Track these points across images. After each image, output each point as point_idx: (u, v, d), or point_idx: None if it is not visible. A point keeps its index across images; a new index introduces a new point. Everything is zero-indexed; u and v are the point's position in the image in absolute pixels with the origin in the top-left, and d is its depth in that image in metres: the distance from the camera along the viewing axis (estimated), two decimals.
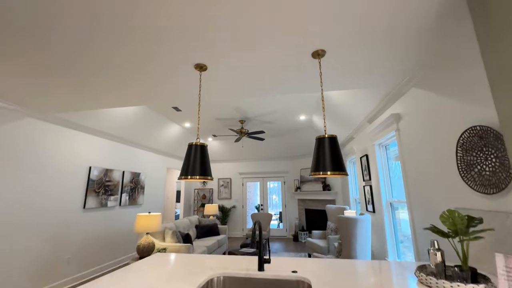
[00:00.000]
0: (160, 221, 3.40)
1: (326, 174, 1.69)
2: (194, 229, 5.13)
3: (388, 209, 3.42)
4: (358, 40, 1.82)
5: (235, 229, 7.89)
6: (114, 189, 4.70)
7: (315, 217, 6.93)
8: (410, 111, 2.55)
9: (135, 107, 4.43)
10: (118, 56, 2.00)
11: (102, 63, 2.09)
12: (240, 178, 8.21)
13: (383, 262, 1.75)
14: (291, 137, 7.03)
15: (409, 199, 2.65)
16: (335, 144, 1.76)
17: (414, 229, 2.57)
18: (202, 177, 1.87)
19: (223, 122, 5.76)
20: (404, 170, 2.73)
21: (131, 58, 2.03)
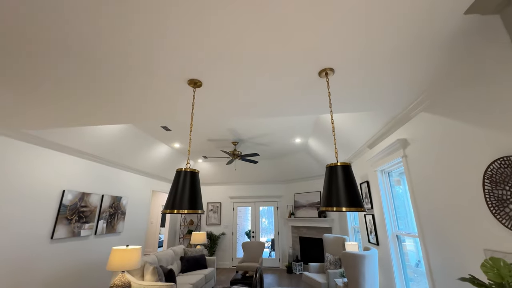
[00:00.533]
0: (139, 256, 2.96)
1: (340, 209, 1.42)
2: (178, 261, 4.60)
3: (394, 242, 3.13)
4: (369, 59, 1.66)
5: (224, 259, 7.28)
6: (90, 215, 4.19)
7: (310, 246, 6.50)
8: (419, 136, 2.37)
9: (119, 126, 4.11)
10: (102, 71, 1.74)
11: (82, 77, 1.83)
12: (230, 203, 7.76)
13: None
14: (286, 161, 6.79)
15: (421, 234, 2.39)
16: (349, 173, 1.51)
17: (430, 268, 2.27)
18: (192, 211, 1.55)
19: (215, 143, 5.49)
20: (414, 200, 2.50)
21: (116, 72, 1.78)
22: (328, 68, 1.76)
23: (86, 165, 4.20)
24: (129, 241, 5.23)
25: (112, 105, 2.34)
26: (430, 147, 2.21)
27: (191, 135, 4.89)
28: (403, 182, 3.20)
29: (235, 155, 5.25)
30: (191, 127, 1.75)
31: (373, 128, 3.22)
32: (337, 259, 4.37)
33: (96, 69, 1.77)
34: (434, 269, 2.22)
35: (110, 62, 1.69)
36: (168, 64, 1.71)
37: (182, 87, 2.00)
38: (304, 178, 6.98)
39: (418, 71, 1.80)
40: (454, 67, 1.73)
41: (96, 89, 2.04)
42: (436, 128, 2.12)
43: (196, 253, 4.89)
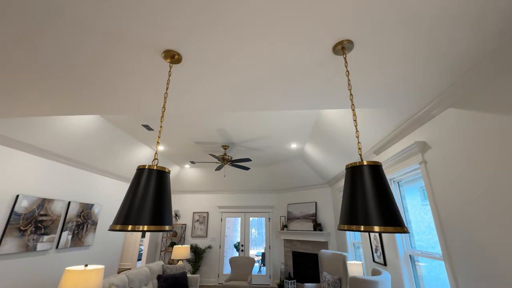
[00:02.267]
0: (100, 279, 2.38)
1: (370, 229, 0.97)
2: (155, 281, 3.99)
3: (407, 263, 2.68)
4: (401, 28, 1.26)
5: (208, 275, 6.63)
6: (51, 226, 3.57)
7: (304, 262, 5.97)
8: (444, 138, 1.98)
9: (90, 120, 3.57)
10: (52, 41, 1.27)
11: (31, 53, 1.35)
12: (218, 213, 7.18)
13: None
14: (279, 168, 6.34)
15: (447, 255, 1.96)
16: (381, 177, 1.07)
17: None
18: (154, 227, 1.06)
19: (204, 146, 4.99)
20: (437, 215, 2.08)
21: (65, 31, 1.31)
22: (346, 41, 1.35)
23: (48, 166, 3.61)
24: (100, 255, 4.57)
25: (58, 83, 1.85)
26: (461, 150, 1.82)
27: (176, 135, 4.39)
28: (413, 191, 2.80)
29: (225, 160, 4.76)
30: (163, 111, 1.29)
31: (382, 131, 2.84)
32: (336, 280, 3.87)
33: (32, 27, 1.29)
34: None
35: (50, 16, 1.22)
36: (136, 25, 1.26)
37: (155, 61, 1.54)
38: (299, 187, 6.52)
39: (459, 49, 1.42)
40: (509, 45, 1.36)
41: (39, 60, 1.55)
42: (469, 126, 1.73)
43: (176, 270, 4.29)
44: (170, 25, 1.26)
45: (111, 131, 3.98)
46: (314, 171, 5.78)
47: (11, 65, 1.59)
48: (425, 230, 2.63)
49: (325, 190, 5.95)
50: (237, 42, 1.37)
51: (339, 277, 3.92)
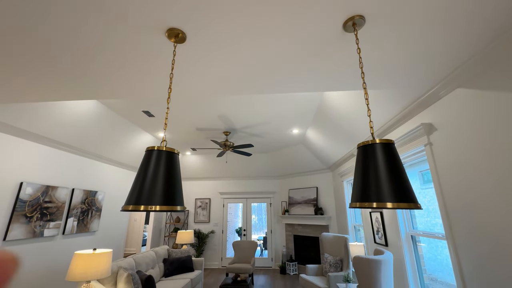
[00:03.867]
0: (109, 262, 2.43)
1: (383, 206, 0.97)
2: (161, 264, 4.09)
3: (408, 244, 2.75)
4: (412, 6, 1.21)
5: (212, 259, 6.80)
6: (57, 212, 3.60)
7: (305, 245, 6.12)
8: (451, 119, 1.97)
9: (90, 107, 3.52)
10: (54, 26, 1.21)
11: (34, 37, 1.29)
12: (220, 199, 7.27)
13: None
14: (281, 154, 6.35)
15: (451, 235, 1.99)
16: (394, 155, 1.07)
17: (463, 278, 1.88)
18: (167, 207, 1.06)
19: (205, 133, 4.97)
20: (441, 195, 2.10)
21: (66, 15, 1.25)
22: (357, 16, 1.30)
23: (51, 153, 3.59)
24: (106, 241, 4.66)
25: (58, 66, 1.79)
26: (467, 131, 1.80)
27: (176, 122, 4.35)
28: (413, 175, 2.82)
29: (227, 146, 4.75)
30: (169, 92, 1.26)
31: (386, 114, 2.81)
32: (337, 260, 3.99)
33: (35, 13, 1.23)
34: (467, 275, 1.83)
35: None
36: (137, 1, 1.20)
37: (158, 41, 1.49)
38: (300, 173, 6.57)
39: (479, 22, 1.37)
40: None
41: (39, 43, 1.49)
42: (477, 106, 1.71)
43: (181, 254, 4.39)
44: (174, 0, 1.20)
45: (111, 118, 3.94)
46: (315, 157, 5.80)
47: (6, 48, 1.54)
48: (424, 213, 2.68)
49: (326, 175, 6.00)
50: (244, 19, 1.32)
51: (340, 258, 4.03)
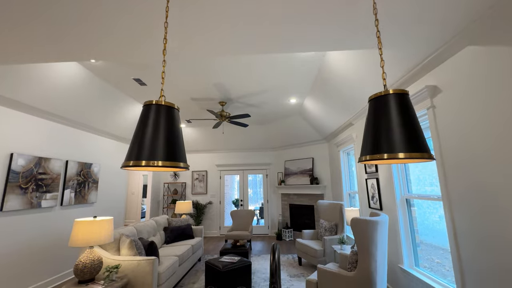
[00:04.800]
0: (111, 229, 2.45)
1: (394, 156, 0.94)
2: (162, 232, 4.19)
3: (403, 207, 2.84)
4: None
5: (211, 228, 7.04)
6: (52, 184, 3.56)
7: (300, 214, 6.35)
8: (458, 80, 1.91)
9: (81, 77, 3.30)
10: None
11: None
12: (217, 171, 7.33)
13: None
14: (277, 126, 6.30)
15: (447, 196, 2.05)
16: (408, 105, 1.01)
17: (456, 241, 1.97)
18: (170, 163, 1.01)
19: (200, 103, 4.82)
20: (440, 159, 2.12)
21: None
22: None
23: (42, 125, 3.45)
24: (105, 212, 4.71)
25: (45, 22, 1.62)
26: (474, 91, 1.76)
27: (171, 90, 4.17)
28: None
29: (223, 117, 4.65)
30: (164, 43, 1.14)
31: (390, 78, 2.73)
32: (332, 225, 4.16)
33: None
34: (460, 234, 1.92)
35: None
36: None
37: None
38: (296, 144, 6.59)
39: None
40: None
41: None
42: (486, 64, 1.65)
43: (181, 223, 4.49)
44: None
45: (101, 88, 3.74)
46: (312, 128, 5.77)
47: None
48: (416, 181, 2.74)
49: (322, 146, 6.03)
50: None
51: (335, 223, 4.19)
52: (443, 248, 4.51)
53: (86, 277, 2.26)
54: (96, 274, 2.33)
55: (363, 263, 2.22)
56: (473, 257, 1.80)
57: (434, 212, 4.50)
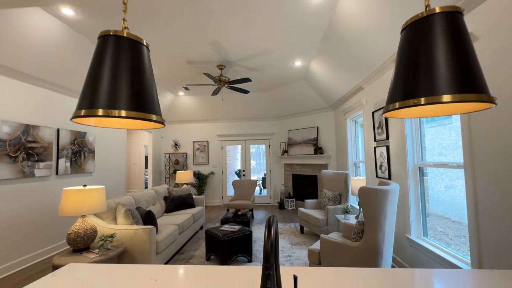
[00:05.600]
0: (102, 198, 2.32)
1: (436, 99, 0.68)
2: (162, 202, 4.13)
3: (415, 176, 2.64)
4: None
5: (213, 197, 7.07)
6: (45, 153, 3.40)
7: (303, 184, 6.27)
8: (500, 25, 1.55)
9: (69, 39, 2.94)
10: None
11: None
12: (218, 141, 7.15)
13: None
14: (280, 93, 5.93)
15: (470, 163, 1.81)
16: (461, 30, 0.72)
17: (477, 210, 1.78)
18: (138, 114, 0.77)
19: (197, 67, 4.45)
20: (468, 120, 1.85)
21: None
22: None
23: (29, 91, 3.22)
24: (105, 182, 4.64)
25: None
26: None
27: (166, 55, 3.79)
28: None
29: (222, 82, 4.31)
30: None
31: None
32: (336, 195, 4.04)
33: None
34: (482, 203, 1.72)
35: None
36: None
37: None
38: (301, 113, 6.28)
39: None
40: None
41: None
42: None
43: (181, 192, 4.42)
44: None
45: (90, 50, 3.39)
46: (317, 95, 5.41)
47: None
48: (432, 146, 2.49)
49: (328, 114, 5.72)
50: None
51: (339, 193, 4.07)
52: (446, 218, 4.42)
53: (79, 246, 2.18)
54: (90, 243, 2.25)
55: (370, 233, 2.08)
56: (494, 228, 1.62)
57: (441, 182, 4.32)
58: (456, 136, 4.07)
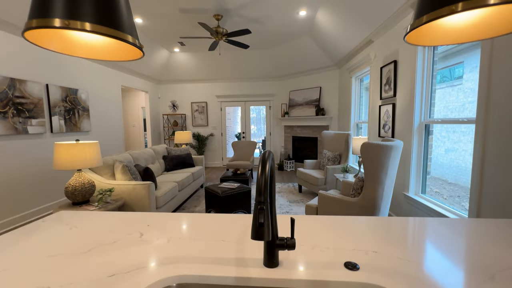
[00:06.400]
0: (97, 152, 2.25)
1: (480, 4, 0.53)
2: (161, 161, 4.13)
3: (420, 134, 2.55)
4: None
5: (213, 159, 7.13)
6: (35, 109, 3.27)
7: (303, 146, 6.24)
8: None
9: None
10: None
11: None
12: (217, 102, 6.93)
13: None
14: (283, 50, 5.54)
15: (483, 118, 1.69)
16: None
17: (482, 167, 1.71)
18: (108, 30, 0.63)
19: (191, 17, 4.05)
20: (489, 67, 1.67)
21: None
22: None
23: (13, 42, 2.94)
24: (103, 142, 4.59)
25: None
26: None
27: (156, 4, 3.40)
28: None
29: (219, 34, 3.97)
30: None
31: None
32: (336, 155, 4.01)
33: None
34: (489, 158, 1.65)
35: None
36: None
37: None
38: (303, 72, 5.96)
39: None
40: None
41: None
42: None
43: (180, 152, 4.39)
44: None
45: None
46: (322, 51, 5.05)
47: None
48: (438, 110, 2.34)
49: (332, 73, 5.42)
50: None
51: (339, 153, 4.03)
52: (443, 180, 4.45)
53: (78, 199, 2.19)
54: (89, 196, 2.26)
55: (369, 189, 2.06)
56: (498, 183, 1.57)
57: (441, 146, 4.25)
58: (464, 98, 3.88)
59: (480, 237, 0.84)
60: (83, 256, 0.75)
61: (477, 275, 0.64)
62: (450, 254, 0.74)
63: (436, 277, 0.63)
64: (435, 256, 0.73)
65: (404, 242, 0.82)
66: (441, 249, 0.77)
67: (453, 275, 0.64)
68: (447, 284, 0.60)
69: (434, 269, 0.66)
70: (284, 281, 0.64)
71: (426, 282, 0.61)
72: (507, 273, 0.64)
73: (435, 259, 0.71)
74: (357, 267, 0.68)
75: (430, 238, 0.84)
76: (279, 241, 0.66)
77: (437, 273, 0.65)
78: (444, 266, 0.68)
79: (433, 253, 0.74)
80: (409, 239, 0.84)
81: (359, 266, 0.69)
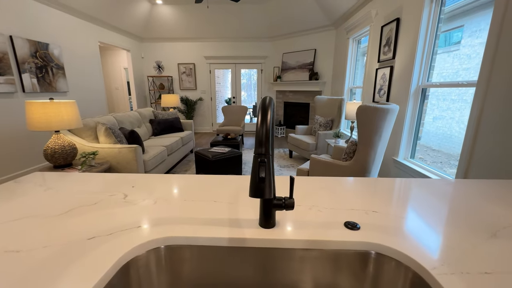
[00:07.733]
0: (75, 112, 2.08)
1: None
2: (148, 125, 3.95)
3: (416, 98, 2.49)
4: None
5: (203, 124, 6.96)
6: (1, 65, 2.93)
7: (294, 112, 6.14)
8: None
9: None
10: None
11: None
12: (206, 64, 6.53)
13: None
14: (277, 6, 5.08)
15: (485, 80, 1.63)
16: None
17: (476, 130, 1.69)
18: None
19: None
20: (497, 33, 1.56)
21: None
22: None
23: None
24: (83, 104, 4.30)
25: None
26: None
27: None
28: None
29: None
30: None
31: None
32: (328, 121, 3.96)
33: None
34: (485, 120, 1.63)
35: None
36: None
37: None
38: (298, 32, 5.58)
39: None
40: None
41: None
42: None
43: (168, 116, 4.21)
44: None
45: None
46: (319, 7, 4.66)
47: None
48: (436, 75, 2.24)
49: (329, 33, 5.10)
50: None
51: (331, 119, 3.99)
52: (427, 146, 4.57)
53: (59, 162, 2.07)
54: (71, 159, 2.14)
55: (361, 152, 2.05)
56: (488, 146, 1.58)
57: (430, 113, 4.27)
58: (459, 65, 3.79)
59: (481, 197, 0.82)
60: (59, 218, 0.67)
61: (480, 233, 0.62)
62: (452, 213, 0.72)
63: (440, 236, 0.60)
64: (438, 215, 0.71)
65: (405, 203, 0.79)
66: (442, 209, 0.75)
67: (456, 233, 0.61)
68: (451, 241, 0.58)
69: (438, 228, 0.64)
70: (282, 241, 0.59)
71: (429, 241, 0.58)
72: (509, 230, 0.63)
73: (437, 218, 0.69)
74: (357, 227, 0.64)
75: (431, 198, 0.82)
76: (276, 201, 0.60)
77: (440, 232, 0.62)
78: (448, 225, 0.65)
79: (435, 213, 0.72)
80: (411, 200, 0.81)
81: (360, 225, 0.65)
